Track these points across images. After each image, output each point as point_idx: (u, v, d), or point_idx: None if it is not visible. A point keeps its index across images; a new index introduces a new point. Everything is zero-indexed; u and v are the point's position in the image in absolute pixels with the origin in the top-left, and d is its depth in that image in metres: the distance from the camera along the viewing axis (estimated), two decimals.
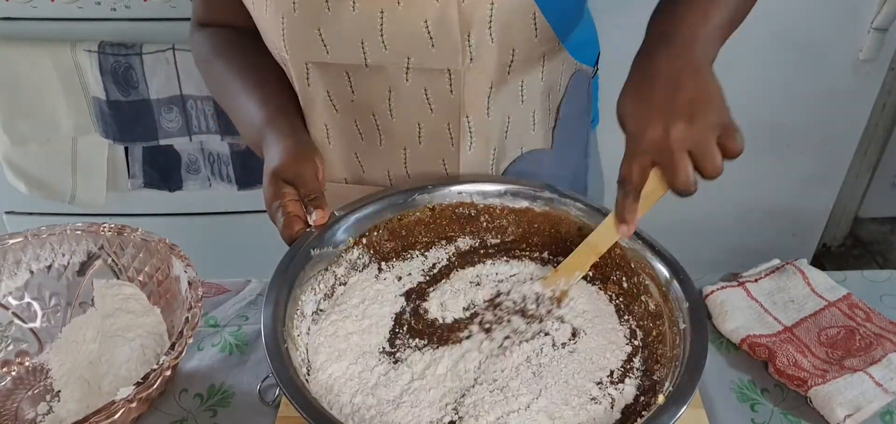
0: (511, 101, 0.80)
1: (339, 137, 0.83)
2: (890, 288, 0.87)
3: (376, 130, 0.81)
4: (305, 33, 0.74)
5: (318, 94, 0.79)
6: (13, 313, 0.78)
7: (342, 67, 0.76)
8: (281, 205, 0.69)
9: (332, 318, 0.68)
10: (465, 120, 0.78)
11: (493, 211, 0.79)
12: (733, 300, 0.82)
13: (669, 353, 0.64)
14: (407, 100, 0.77)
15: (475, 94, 0.77)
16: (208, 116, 1.52)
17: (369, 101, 0.79)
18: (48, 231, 0.79)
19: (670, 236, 0.72)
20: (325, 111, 0.81)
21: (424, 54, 0.73)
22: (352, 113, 0.81)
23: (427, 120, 0.79)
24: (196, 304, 0.71)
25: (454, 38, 0.71)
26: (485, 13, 0.70)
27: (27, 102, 1.49)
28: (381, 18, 0.71)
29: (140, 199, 1.66)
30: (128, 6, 1.44)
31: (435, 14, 0.70)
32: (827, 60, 1.68)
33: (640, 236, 0.72)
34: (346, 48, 0.74)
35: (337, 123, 0.82)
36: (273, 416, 0.71)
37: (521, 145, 0.85)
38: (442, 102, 0.77)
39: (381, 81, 0.76)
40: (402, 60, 0.74)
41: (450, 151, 0.81)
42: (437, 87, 0.76)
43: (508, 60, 0.75)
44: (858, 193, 2.16)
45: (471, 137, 0.80)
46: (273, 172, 0.70)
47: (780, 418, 0.71)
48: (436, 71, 0.74)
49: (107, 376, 0.73)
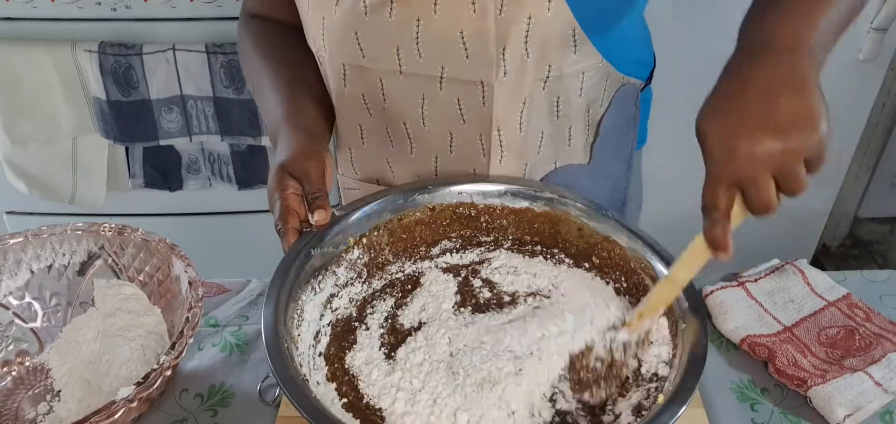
0: (546, 116, 0.78)
1: (371, 139, 0.83)
2: (890, 288, 0.87)
3: (408, 137, 0.81)
4: (343, 35, 0.73)
5: (354, 95, 0.79)
6: (13, 313, 0.79)
7: (377, 72, 0.76)
8: (281, 196, 0.68)
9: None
10: (495, 133, 0.77)
11: (493, 211, 0.79)
12: (733, 299, 0.82)
13: (669, 352, 0.64)
14: (440, 109, 0.77)
15: (508, 108, 0.75)
16: (208, 116, 1.52)
17: (402, 108, 0.78)
18: (48, 231, 0.79)
19: (670, 236, 0.71)
20: (360, 113, 0.81)
21: (458, 65, 0.72)
22: (384, 119, 0.80)
23: (459, 130, 0.78)
24: (196, 304, 0.71)
25: (489, 51, 0.70)
26: (522, 28, 0.69)
27: (27, 102, 1.49)
28: (418, 27, 0.71)
29: (140, 199, 1.66)
30: (128, 6, 1.44)
31: (471, 25, 0.69)
32: (827, 60, 1.68)
33: (639, 237, 0.72)
34: (382, 54, 0.74)
35: (370, 126, 0.82)
36: (273, 416, 0.71)
37: (556, 160, 0.83)
38: (474, 113, 0.76)
39: (414, 88, 0.76)
40: (436, 69, 0.73)
41: (481, 162, 0.80)
42: (470, 98, 0.75)
43: (544, 76, 0.73)
44: (858, 193, 2.16)
45: (502, 150, 0.79)
46: (281, 165, 0.70)
47: (780, 418, 0.71)
48: (469, 82, 0.74)
49: (107, 376, 0.73)
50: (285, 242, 0.68)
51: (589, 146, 0.84)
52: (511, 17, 0.69)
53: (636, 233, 0.72)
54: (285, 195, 0.68)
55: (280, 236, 0.68)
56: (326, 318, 0.69)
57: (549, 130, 0.80)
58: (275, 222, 0.68)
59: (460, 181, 0.79)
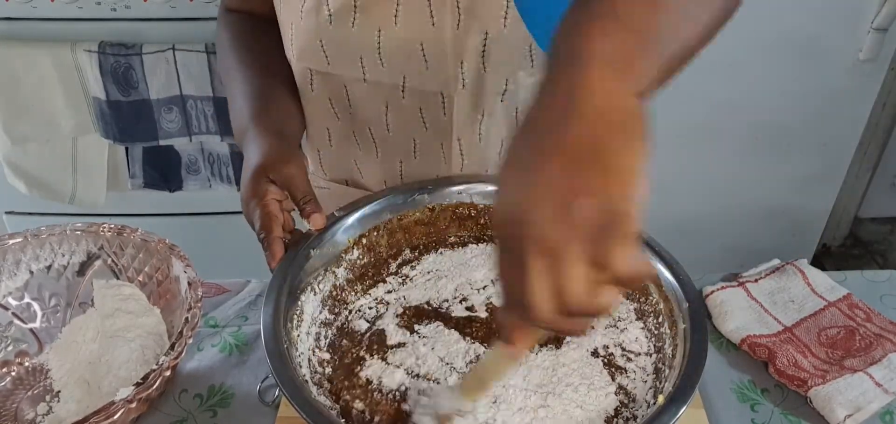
0: (505, 126, 0.79)
1: (339, 141, 0.84)
2: (890, 288, 0.87)
3: (373, 141, 0.82)
4: (309, 42, 0.74)
5: (321, 99, 0.80)
6: (13, 313, 0.78)
7: (342, 79, 0.76)
8: (260, 203, 0.65)
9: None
10: (456, 142, 0.78)
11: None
12: (733, 300, 0.82)
13: (669, 353, 0.64)
14: (403, 116, 0.78)
15: (467, 118, 0.77)
16: (208, 116, 1.52)
17: (367, 113, 0.79)
18: (48, 231, 0.79)
19: (670, 236, 0.71)
20: (327, 116, 0.81)
21: (419, 76, 0.73)
22: (350, 123, 0.81)
23: (422, 137, 0.79)
24: (196, 304, 0.71)
25: (447, 64, 0.71)
26: (477, 42, 0.70)
27: (27, 102, 1.49)
28: (379, 37, 0.72)
29: (140, 199, 1.66)
30: (128, 6, 1.44)
31: (430, 37, 0.70)
32: (827, 60, 1.68)
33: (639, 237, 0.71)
34: (346, 62, 0.74)
35: (337, 129, 0.83)
36: (273, 416, 0.71)
37: None
38: (435, 122, 0.77)
39: (378, 95, 0.77)
40: (398, 78, 0.74)
41: (443, 169, 0.81)
42: (431, 107, 0.76)
43: (501, 90, 0.74)
44: (858, 193, 2.16)
45: (462, 158, 0.80)
46: (258, 168, 0.66)
47: (780, 418, 0.71)
48: (430, 93, 0.75)
49: (106, 376, 0.73)
50: (270, 253, 0.64)
51: None
52: (466, 32, 0.69)
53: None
54: (265, 202, 0.65)
55: (264, 246, 0.64)
56: (326, 318, 0.69)
57: (509, 141, 0.80)
58: (257, 232, 0.65)
59: (460, 181, 0.79)
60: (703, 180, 1.83)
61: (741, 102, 1.71)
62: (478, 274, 0.74)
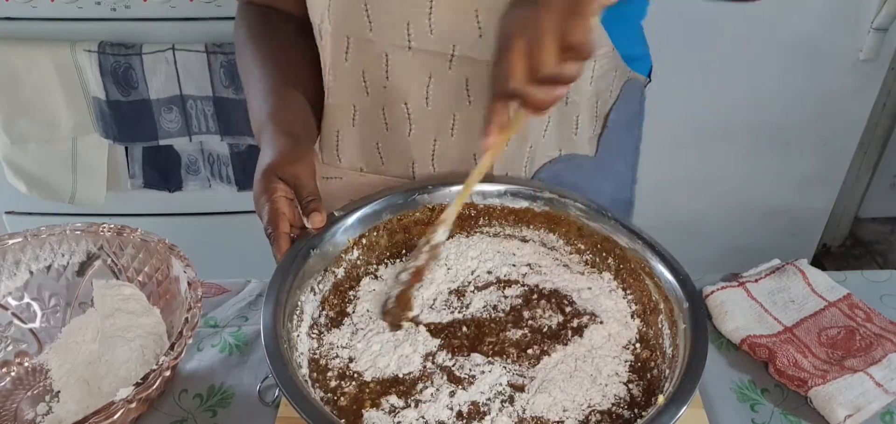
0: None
1: (364, 120, 0.81)
2: (890, 288, 0.87)
3: (407, 118, 0.79)
4: (351, 5, 0.72)
5: (353, 72, 0.77)
6: (13, 313, 0.78)
7: (383, 47, 0.74)
8: (269, 200, 0.67)
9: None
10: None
11: (492, 211, 0.79)
12: (733, 299, 0.82)
13: (669, 353, 0.64)
14: (446, 89, 0.75)
15: None
16: (208, 116, 1.52)
17: (404, 86, 0.76)
18: (48, 231, 0.79)
19: (670, 236, 0.71)
20: (356, 92, 0.79)
21: (471, 44, 0.71)
22: (382, 100, 0.78)
23: (463, 111, 0.77)
24: (196, 304, 0.71)
25: None
26: None
27: (27, 102, 1.49)
28: (431, 2, 0.69)
29: (140, 199, 1.66)
30: (128, 6, 1.44)
31: (487, 3, 0.68)
32: (827, 60, 1.69)
33: (639, 236, 0.71)
34: (391, 28, 0.72)
35: (365, 106, 0.80)
36: (273, 416, 0.71)
37: (560, 147, 0.83)
38: (482, 93, 0.74)
39: (421, 66, 0.74)
40: (447, 46, 0.72)
41: (479, 147, 0.78)
42: (479, 78, 0.74)
43: None
44: (858, 193, 2.16)
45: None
46: (268, 167, 0.68)
47: (781, 418, 0.71)
48: (480, 62, 0.72)
49: (106, 376, 0.73)
50: (277, 247, 0.66)
51: (596, 138, 0.84)
52: None
53: (636, 233, 0.72)
54: (274, 199, 0.67)
55: (271, 241, 0.67)
56: (326, 318, 0.69)
57: (555, 116, 0.79)
58: (264, 227, 0.67)
59: (460, 182, 0.79)
60: (703, 180, 1.83)
61: (741, 102, 1.71)
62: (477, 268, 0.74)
